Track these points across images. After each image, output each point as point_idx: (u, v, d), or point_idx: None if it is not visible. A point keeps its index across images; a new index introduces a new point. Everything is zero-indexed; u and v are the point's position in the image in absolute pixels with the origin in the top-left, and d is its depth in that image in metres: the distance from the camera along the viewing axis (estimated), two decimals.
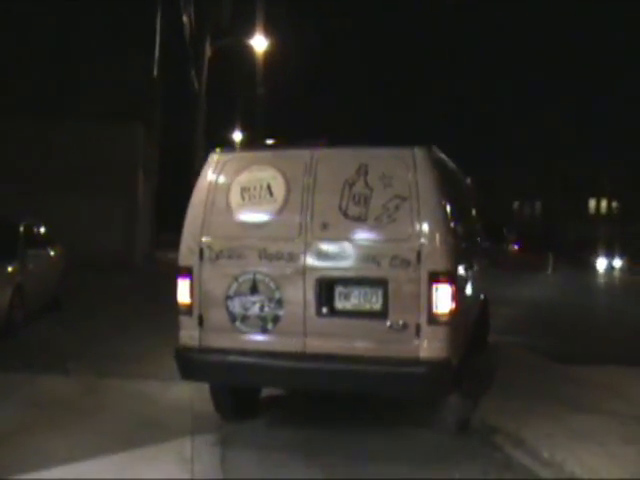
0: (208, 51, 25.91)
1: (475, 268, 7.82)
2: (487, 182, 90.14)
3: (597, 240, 67.35)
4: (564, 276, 35.07)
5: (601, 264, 42.86)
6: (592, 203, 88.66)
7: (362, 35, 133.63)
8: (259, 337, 6.18)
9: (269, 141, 7.49)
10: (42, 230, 13.19)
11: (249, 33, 28.45)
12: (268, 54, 29.82)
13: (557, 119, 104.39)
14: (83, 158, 24.78)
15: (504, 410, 7.37)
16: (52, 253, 13.29)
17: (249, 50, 29.50)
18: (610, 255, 46.22)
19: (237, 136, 57.86)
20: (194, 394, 7.51)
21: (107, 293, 17.22)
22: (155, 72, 27.06)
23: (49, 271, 12.88)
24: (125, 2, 24.19)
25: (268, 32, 28.65)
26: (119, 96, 24.33)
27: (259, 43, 28.51)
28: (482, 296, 9.31)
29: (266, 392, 7.52)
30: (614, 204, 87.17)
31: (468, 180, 9.91)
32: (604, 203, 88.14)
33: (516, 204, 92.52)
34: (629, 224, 75.34)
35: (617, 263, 44.64)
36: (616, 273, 41.81)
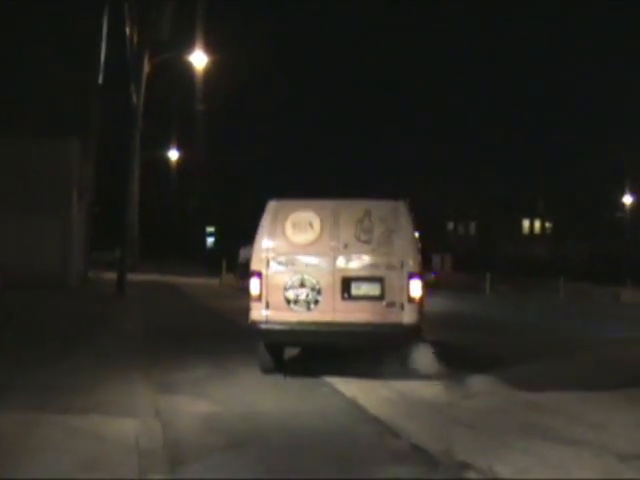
0: (146, 67, 25.26)
1: None
2: (421, 203, 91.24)
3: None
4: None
5: None
6: (526, 223, 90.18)
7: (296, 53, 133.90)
8: (306, 313, 10.02)
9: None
10: None
11: (190, 49, 27.83)
12: (210, 71, 29.19)
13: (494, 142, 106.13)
14: (15, 175, 23.90)
15: (471, 442, 6.99)
16: None
17: (189, 67, 28.83)
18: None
19: (173, 154, 57.04)
20: (139, 428, 6.92)
21: (41, 316, 16.34)
22: (93, 86, 26.26)
23: None
24: (62, 15, 23.41)
25: (210, 49, 28.05)
26: (54, 111, 23.52)
27: (198, 59, 27.89)
28: None
29: (221, 436, 6.96)
30: (547, 224, 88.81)
31: None
32: (537, 224, 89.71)
33: (451, 225, 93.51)
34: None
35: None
36: None
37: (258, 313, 10.05)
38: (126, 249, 25.98)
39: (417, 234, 10.62)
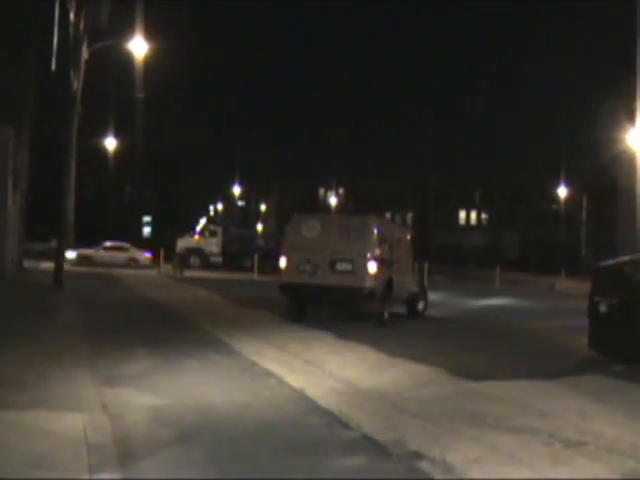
0: (85, 53, 24.69)
1: (397, 263, 17.80)
2: (362, 193, 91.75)
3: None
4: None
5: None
6: (462, 214, 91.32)
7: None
8: (309, 279, 16.25)
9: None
10: None
11: (130, 37, 27.22)
12: (151, 59, 28.60)
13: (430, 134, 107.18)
14: None
15: (422, 432, 7.03)
16: None
17: (129, 54, 28.20)
18: None
19: (110, 142, 56.06)
20: (86, 422, 6.75)
21: None
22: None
23: None
24: None
25: (151, 36, 27.49)
26: None
27: (138, 46, 27.34)
28: (415, 288, 19.91)
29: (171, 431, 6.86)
30: (483, 215, 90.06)
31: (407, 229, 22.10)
32: (474, 214, 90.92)
33: (388, 214, 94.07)
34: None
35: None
36: None
37: (284, 278, 16.87)
38: (63, 239, 25.40)
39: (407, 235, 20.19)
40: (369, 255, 16.11)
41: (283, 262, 16.76)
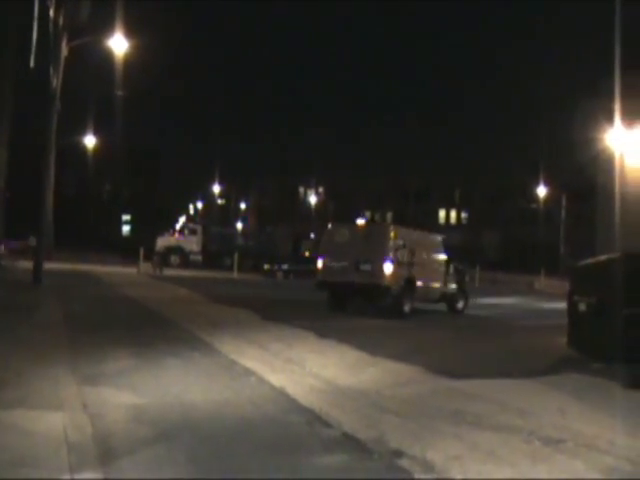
0: (65, 50, 24.50)
1: (419, 265, 20.35)
2: (342, 192, 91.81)
3: None
4: None
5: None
6: (442, 213, 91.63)
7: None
8: (339, 277, 19.90)
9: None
10: None
11: (110, 34, 27.05)
12: (131, 56, 28.40)
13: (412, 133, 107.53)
14: None
15: (402, 430, 7.05)
16: None
17: (109, 51, 28.01)
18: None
19: (90, 140, 55.76)
20: (66, 421, 6.72)
21: None
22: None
23: None
24: None
25: (131, 33, 27.32)
26: None
27: (118, 44, 27.19)
28: (452, 289, 22.33)
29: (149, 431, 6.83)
30: (463, 214, 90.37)
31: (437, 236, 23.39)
32: (453, 213, 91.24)
33: (367, 213, 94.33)
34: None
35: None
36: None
37: (320, 276, 20.42)
38: (42, 236, 25.19)
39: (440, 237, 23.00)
40: (385, 257, 19.02)
41: (319, 263, 20.50)
